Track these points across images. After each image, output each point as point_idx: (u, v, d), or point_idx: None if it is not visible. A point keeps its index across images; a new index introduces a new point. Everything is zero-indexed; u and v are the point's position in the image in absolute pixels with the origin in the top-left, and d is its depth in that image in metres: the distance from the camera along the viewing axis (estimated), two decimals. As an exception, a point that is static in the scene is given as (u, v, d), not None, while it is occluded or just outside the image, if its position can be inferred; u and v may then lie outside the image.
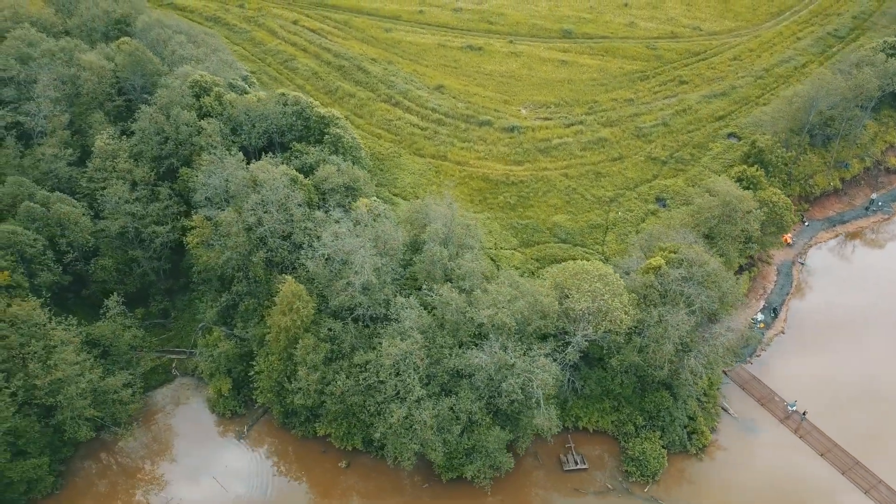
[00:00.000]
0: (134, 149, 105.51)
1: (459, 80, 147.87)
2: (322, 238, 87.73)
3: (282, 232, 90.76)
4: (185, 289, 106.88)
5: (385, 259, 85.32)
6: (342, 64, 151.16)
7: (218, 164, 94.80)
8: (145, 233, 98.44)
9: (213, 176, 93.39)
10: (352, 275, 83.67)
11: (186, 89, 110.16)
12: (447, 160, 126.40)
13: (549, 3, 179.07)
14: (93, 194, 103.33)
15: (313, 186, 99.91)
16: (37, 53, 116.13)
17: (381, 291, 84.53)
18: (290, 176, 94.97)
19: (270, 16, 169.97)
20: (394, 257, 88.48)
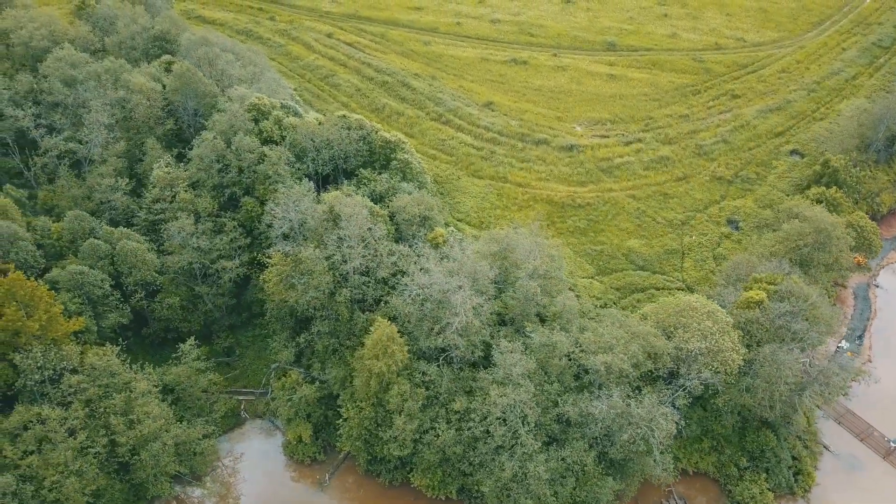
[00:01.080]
0: (193, 177, 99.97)
1: (508, 96, 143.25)
2: (411, 275, 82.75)
3: (364, 268, 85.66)
4: (248, 324, 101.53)
5: (482, 298, 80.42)
6: (385, 80, 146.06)
7: (291, 196, 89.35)
8: (213, 268, 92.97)
9: (291, 210, 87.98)
10: (450, 316, 78.78)
11: (244, 113, 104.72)
12: (508, 182, 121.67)
13: (587, 13, 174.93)
14: (152, 226, 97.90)
15: (388, 217, 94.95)
16: (81, 75, 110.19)
17: (479, 333, 79.65)
18: (368, 208, 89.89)
19: (303, 28, 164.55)
20: (486, 294, 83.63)
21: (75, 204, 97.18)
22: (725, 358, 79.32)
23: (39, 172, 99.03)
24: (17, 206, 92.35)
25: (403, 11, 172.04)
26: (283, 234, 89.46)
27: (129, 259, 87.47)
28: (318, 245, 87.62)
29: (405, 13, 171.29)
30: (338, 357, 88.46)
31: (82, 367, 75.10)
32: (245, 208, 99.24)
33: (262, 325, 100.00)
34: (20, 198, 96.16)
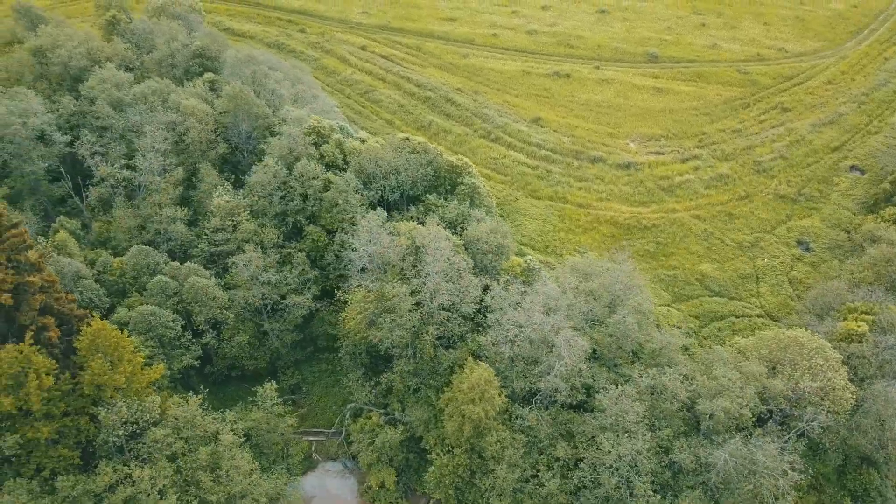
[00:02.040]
0: (254, 206, 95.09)
1: (555, 111, 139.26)
2: (502, 311, 78.42)
3: (449, 303, 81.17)
4: (313, 358, 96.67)
5: (585, 338, 76.20)
6: (428, 95, 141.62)
7: (371, 228, 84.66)
8: (284, 304, 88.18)
9: (371, 243, 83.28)
10: (552, 358, 74.54)
11: (304, 137, 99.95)
12: (568, 202, 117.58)
13: (623, 23, 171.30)
14: (211, 258, 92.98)
15: (463, 247, 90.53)
16: (129, 97, 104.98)
17: (582, 376, 75.46)
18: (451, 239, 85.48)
19: (336, 41, 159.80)
20: (581, 331, 79.43)
21: (131, 236, 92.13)
22: (838, 397, 75.61)
23: (95, 202, 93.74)
24: (74, 240, 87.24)
25: (437, 23, 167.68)
26: (360, 268, 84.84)
27: (199, 296, 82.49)
28: (398, 279, 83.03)
29: (439, 24, 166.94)
30: (420, 397, 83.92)
31: (164, 419, 70.15)
32: (310, 238, 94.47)
33: (329, 360, 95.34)
34: (74, 230, 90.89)
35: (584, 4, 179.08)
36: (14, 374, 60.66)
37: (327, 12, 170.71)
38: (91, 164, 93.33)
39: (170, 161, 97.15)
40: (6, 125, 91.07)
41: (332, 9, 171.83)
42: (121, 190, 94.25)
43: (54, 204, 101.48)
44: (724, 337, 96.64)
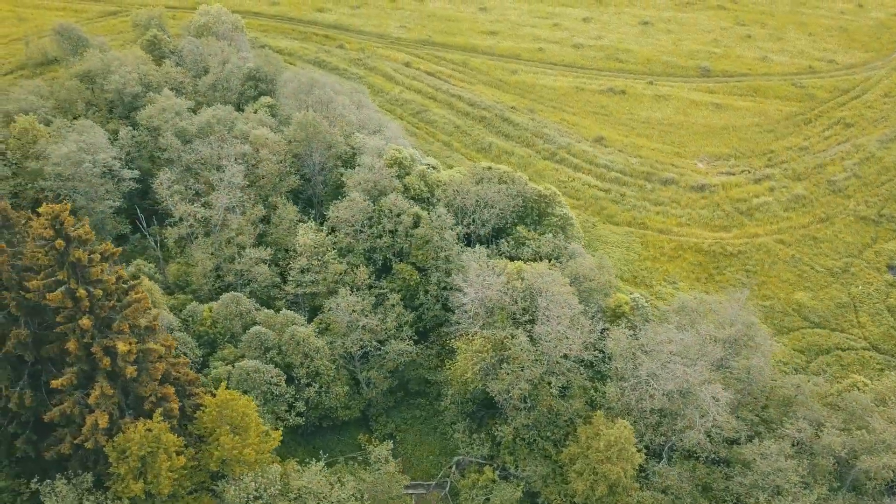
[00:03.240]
0: (340, 243, 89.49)
1: (617, 129, 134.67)
2: (629, 358, 73.53)
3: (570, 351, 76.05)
4: (403, 403, 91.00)
5: (730, 391, 71.44)
6: (483, 114, 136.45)
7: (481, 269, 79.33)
8: (384, 350, 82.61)
9: (482, 286, 77.89)
10: (691, 410, 69.74)
11: (387, 168, 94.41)
12: (647, 228, 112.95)
13: (669, 35, 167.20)
14: (297, 301, 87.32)
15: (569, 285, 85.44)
16: (193, 127, 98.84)
17: (727, 430, 70.73)
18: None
19: (377, 57, 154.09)
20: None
21: (208, 279, 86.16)
22: None
23: (173, 245, 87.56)
24: (157, 286, 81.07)
25: (479, 36, 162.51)
26: (464, 312, 79.31)
27: (301, 348, 76.71)
28: (510, 324, 77.75)
29: (481, 38, 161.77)
30: (535, 449, 78.73)
31: (287, 490, 64.41)
32: (401, 277, 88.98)
33: (421, 406, 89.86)
34: (152, 274, 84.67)
35: (625, 16, 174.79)
36: (142, 456, 54.76)
37: (364, 27, 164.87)
38: (169, 203, 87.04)
39: (248, 198, 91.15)
40: (78, 163, 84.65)
41: (369, 23, 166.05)
42: (199, 229, 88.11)
43: (118, 241, 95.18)
44: (834, 373, 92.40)
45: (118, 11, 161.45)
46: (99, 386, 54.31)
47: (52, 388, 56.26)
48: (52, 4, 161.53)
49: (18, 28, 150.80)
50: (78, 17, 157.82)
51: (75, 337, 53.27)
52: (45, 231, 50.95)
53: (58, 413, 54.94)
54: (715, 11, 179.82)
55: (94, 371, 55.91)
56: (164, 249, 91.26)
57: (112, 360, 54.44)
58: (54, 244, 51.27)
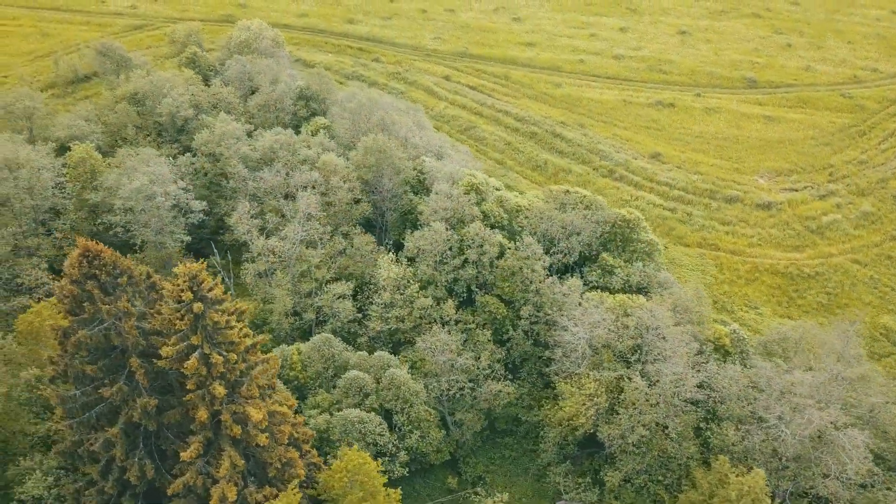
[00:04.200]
0: (423, 276, 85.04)
1: (672, 144, 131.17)
2: (768, 399, 69.77)
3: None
4: (489, 441, 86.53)
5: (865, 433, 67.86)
6: (533, 130, 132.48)
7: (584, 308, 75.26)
8: (478, 390, 78.28)
9: (590, 324, 73.77)
10: (823, 454, 66.08)
11: (464, 195, 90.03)
12: (720, 249, 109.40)
13: (708, 45, 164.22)
14: (379, 339, 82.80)
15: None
16: (257, 154, 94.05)
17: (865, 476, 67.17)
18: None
19: (416, 70, 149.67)
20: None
21: (289, 317, 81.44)
22: None
23: (256, 282, 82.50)
24: (239, 329, 76.13)
25: (516, 48, 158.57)
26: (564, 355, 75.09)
27: (402, 393, 72.22)
28: (620, 365, 73.79)
29: (519, 50, 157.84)
30: (647, 495, 74.79)
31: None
32: (487, 310, 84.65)
33: (509, 446, 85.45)
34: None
35: (661, 26, 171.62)
36: (279, 532, 50.17)
37: (397, 38, 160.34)
38: (247, 238, 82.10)
39: (323, 228, 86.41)
40: (150, 196, 79.57)
41: (403, 35, 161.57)
42: (279, 264, 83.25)
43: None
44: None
45: (144, 25, 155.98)
46: (227, 456, 49.66)
47: (168, 455, 51.47)
48: (75, 19, 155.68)
49: (43, 44, 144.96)
50: (103, 31, 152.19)
51: (205, 404, 48.60)
52: (184, 294, 46.18)
53: (181, 485, 50.20)
54: (751, 20, 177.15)
55: (217, 438, 51.25)
56: (238, 286, 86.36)
57: (243, 427, 49.82)
58: (192, 307, 46.56)
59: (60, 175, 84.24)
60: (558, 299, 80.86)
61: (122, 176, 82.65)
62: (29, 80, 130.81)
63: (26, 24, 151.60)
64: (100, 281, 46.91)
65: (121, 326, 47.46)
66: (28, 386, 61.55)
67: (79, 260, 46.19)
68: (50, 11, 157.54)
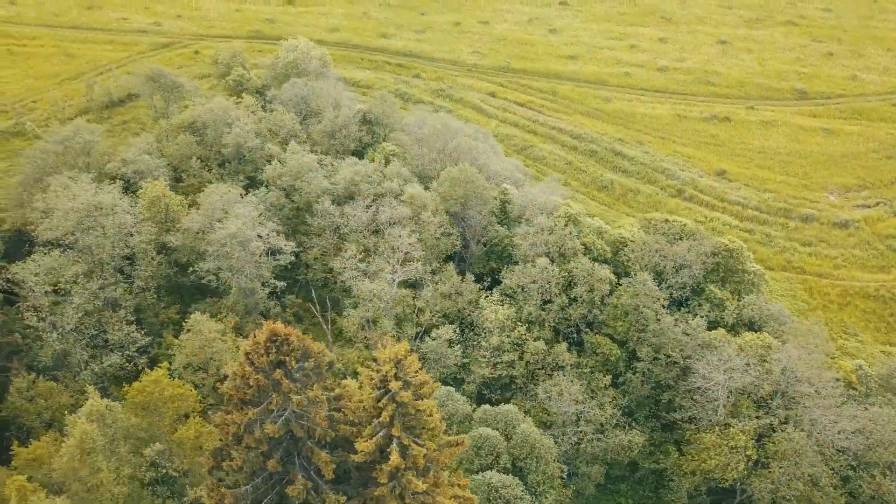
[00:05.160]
0: (527, 317, 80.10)
1: (735, 161, 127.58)
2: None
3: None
4: (605, 490, 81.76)
5: None
6: (592, 148, 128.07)
7: (724, 353, 70.76)
8: (604, 440, 73.46)
9: (724, 369, 69.32)
10: None
11: (561, 227, 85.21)
12: (805, 272, 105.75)
13: (750, 55, 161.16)
14: (490, 386, 77.76)
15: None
16: (340, 188, 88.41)
17: None
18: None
19: (459, 87, 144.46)
20: None
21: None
22: None
23: (353, 330, 76.87)
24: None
25: (558, 61, 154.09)
26: (718, 401, 70.65)
27: (537, 451, 67.18)
28: (765, 414, 69.48)
29: (561, 63, 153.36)
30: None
31: None
32: (599, 352, 79.96)
33: (625, 493, 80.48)
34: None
35: (700, 35, 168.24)
36: None
37: (434, 53, 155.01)
38: (350, 282, 76.35)
39: (424, 267, 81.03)
40: (245, 242, 73.56)
41: (440, 49, 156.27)
42: (379, 306, 77.65)
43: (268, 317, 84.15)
44: None
45: (171, 43, 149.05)
46: (415, 553, 44.37)
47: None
48: (98, 38, 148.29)
49: (69, 66, 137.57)
50: (128, 50, 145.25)
51: (395, 497, 43.20)
52: (391, 383, 40.60)
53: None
54: (787, 28, 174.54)
55: (396, 530, 45.91)
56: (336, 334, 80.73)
57: (432, 520, 44.61)
58: (396, 396, 41.10)
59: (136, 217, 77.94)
60: (680, 339, 76.43)
61: (207, 218, 76.61)
62: (61, 104, 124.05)
63: (48, 45, 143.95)
64: (287, 368, 41.32)
65: (309, 417, 41.90)
66: (153, 465, 55.64)
67: (266, 346, 40.62)
68: (70, 30, 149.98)
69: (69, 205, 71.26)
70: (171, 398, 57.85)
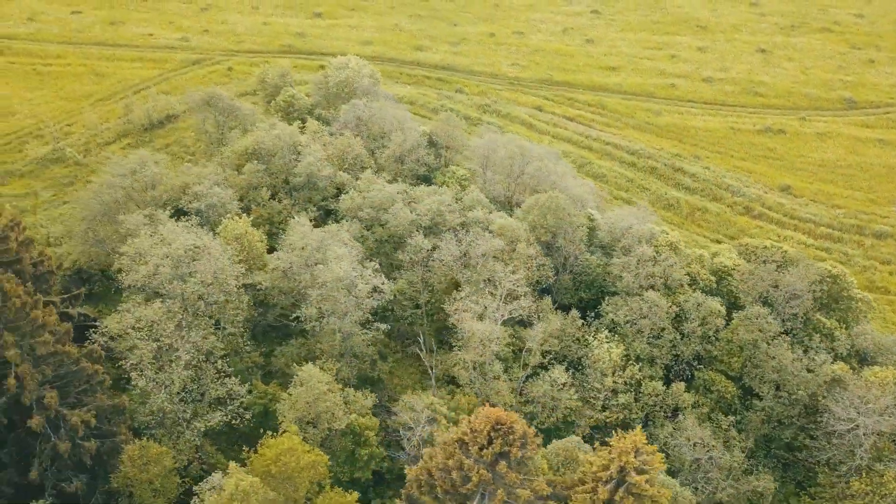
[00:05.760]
0: (639, 352, 76.02)
1: (797, 175, 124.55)
2: None
3: None
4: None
5: None
6: (651, 165, 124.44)
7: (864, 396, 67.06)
8: (736, 488, 69.55)
9: (863, 409, 65.59)
10: None
11: (664, 256, 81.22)
12: (889, 293, 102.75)
13: (791, 63, 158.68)
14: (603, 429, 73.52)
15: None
16: (426, 219, 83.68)
17: None
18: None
19: (503, 101, 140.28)
20: None
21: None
22: None
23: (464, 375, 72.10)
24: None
25: (600, 73, 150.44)
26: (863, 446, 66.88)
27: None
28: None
29: (604, 75, 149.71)
30: None
31: None
32: (714, 390, 76.06)
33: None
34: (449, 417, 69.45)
35: (738, 44, 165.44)
36: None
37: (473, 66, 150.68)
38: (461, 323, 71.64)
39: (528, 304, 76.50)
40: (351, 285, 68.56)
41: (477, 62, 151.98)
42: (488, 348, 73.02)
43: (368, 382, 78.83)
44: None
45: (202, 59, 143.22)
46: None
47: None
48: (125, 55, 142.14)
49: (100, 86, 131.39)
50: (159, 68, 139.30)
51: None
52: (631, 476, 36.23)
53: None
54: (822, 35, 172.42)
55: None
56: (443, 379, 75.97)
57: None
58: (631, 488, 36.81)
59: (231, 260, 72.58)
60: (803, 376, 72.75)
61: (302, 258, 71.61)
62: (98, 127, 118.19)
63: (74, 63, 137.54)
64: (510, 459, 36.80)
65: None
66: (297, 545, 50.80)
67: (488, 435, 36.09)
68: (96, 47, 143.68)
69: (163, 250, 65.91)
70: (306, 467, 53.02)
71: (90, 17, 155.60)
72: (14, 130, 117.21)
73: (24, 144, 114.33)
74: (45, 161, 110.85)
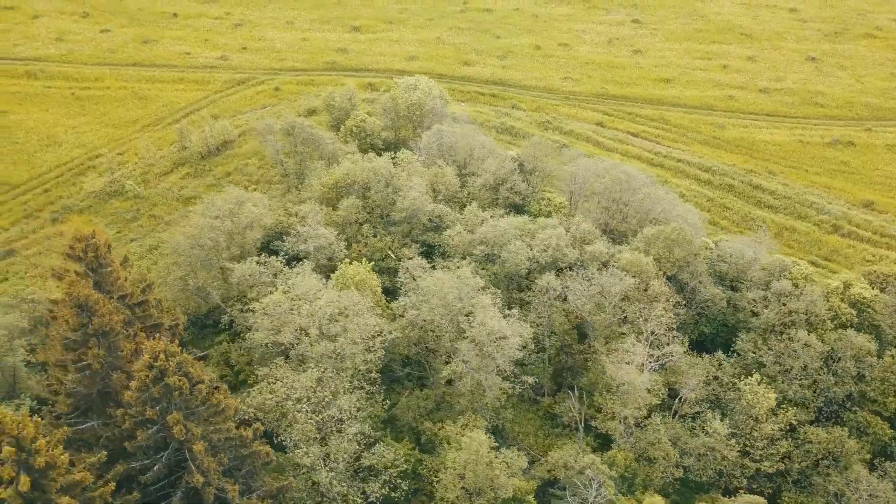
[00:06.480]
0: (794, 396, 71.70)
1: (877, 190, 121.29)
2: None
3: None
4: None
5: None
6: (728, 182, 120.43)
7: None
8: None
9: None
10: None
11: (807, 291, 76.97)
12: None
13: (844, 72, 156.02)
14: (759, 481, 69.10)
15: None
16: (547, 256, 78.65)
17: None
18: None
19: (563, 117, 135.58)
20: None
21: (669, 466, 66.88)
22: None
23: (625, 430, 67.18)
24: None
25: (655, 85, 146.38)
26: None
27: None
28: None
29: (659, 87, 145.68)
30: None
31: None
32: (871, 432, 71.94)
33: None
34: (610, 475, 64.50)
35: (786, 52, 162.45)
36: None
37: (525, 80, 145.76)
38: (617, 374, 66.59)
39: (674, 347, 71.85)
40: (501, 337, 63.22)
41: (528, 76, 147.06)
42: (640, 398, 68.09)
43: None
44: None
45: (246, 79, 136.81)
46: None
47: None
48: (165, 77, 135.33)
49: (145, 110, 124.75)
50: (203, 89, 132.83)
51: None
52: None
53: None
54: (867, 41, 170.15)
55: None
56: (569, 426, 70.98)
57: None
58: None
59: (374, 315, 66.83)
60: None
61: (447, 309, 66.18)
62: (154, 156, 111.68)
63: (113, 86, 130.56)
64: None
65: None
66: None
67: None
68: (133, 69, 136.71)
69: (306, 307, 60.06)
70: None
71: (120, 35, 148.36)
72: (64, 161, 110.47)
73: (78, 177, 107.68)
74: (104, 195, 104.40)
